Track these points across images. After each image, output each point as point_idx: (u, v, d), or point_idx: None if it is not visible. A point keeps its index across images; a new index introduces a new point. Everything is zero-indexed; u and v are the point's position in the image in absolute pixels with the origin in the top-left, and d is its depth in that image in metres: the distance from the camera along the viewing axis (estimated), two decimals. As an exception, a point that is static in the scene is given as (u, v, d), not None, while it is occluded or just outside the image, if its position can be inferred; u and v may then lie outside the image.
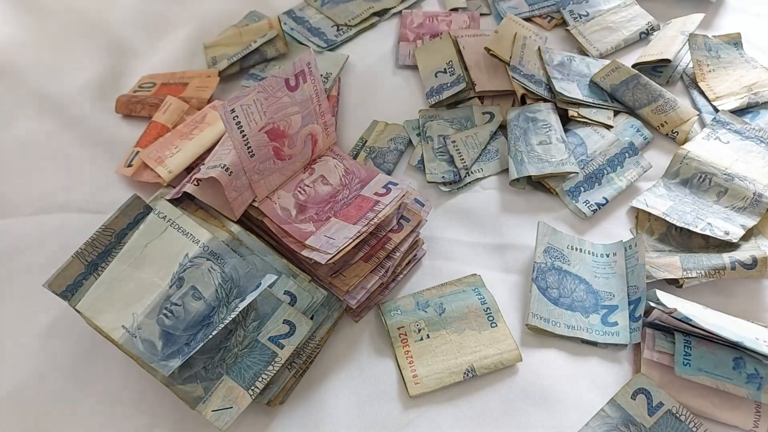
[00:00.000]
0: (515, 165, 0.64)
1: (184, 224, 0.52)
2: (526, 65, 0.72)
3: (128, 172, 0.66)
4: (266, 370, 0.48)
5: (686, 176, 0.64)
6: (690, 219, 0.59)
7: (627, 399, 0.49)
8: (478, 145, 0.67)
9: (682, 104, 0.70)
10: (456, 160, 0.66)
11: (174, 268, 0.50)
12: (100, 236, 0.51)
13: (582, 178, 0.64)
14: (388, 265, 0.55)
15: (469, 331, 0.54)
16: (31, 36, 0.85)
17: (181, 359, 0.47)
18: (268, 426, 0.50)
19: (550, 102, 0.70)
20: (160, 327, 0.48)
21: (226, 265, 0.51)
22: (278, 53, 0.79)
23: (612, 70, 0.71)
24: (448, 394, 0.51)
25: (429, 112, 0.72)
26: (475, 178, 0.66)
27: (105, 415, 0.51)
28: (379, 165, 0.67)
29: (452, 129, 0.70)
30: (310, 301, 0.51)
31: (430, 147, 0.68)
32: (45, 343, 0.55)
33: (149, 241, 0.51)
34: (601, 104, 0.70)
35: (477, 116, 0.71)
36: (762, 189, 0.61)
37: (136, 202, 0.52)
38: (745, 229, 0.58)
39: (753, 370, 0.49)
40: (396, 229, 0.55)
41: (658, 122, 0.69)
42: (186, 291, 0.50)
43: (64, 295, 0.50)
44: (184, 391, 0.47)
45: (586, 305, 0.56)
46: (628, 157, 0.66)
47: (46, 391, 0.52)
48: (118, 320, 0.48)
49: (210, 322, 0.49)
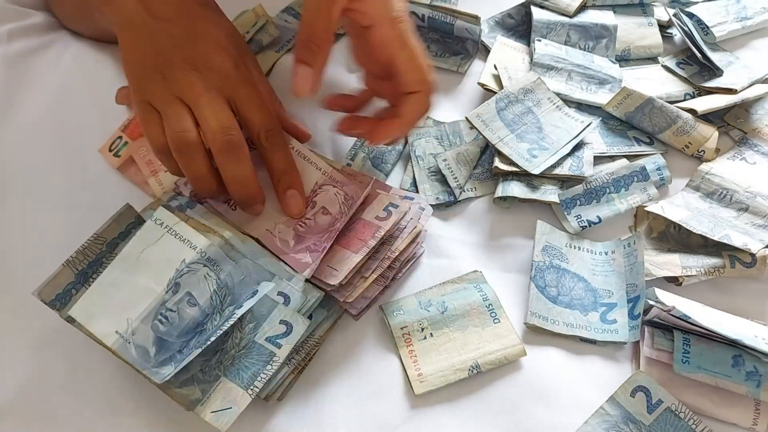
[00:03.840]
0: (502, 184, 0.63)
1: (182, 231, 0.51)
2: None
3: (115, 163, 0.65)
4: (265, 370, 0.48)
5: (707, 191, 0.63)
6: (707, 228, 0.58)
7: (626, 397, 0.49)
8: (470, 161, 0.66)
9: (700, 122, 0.67)
10: (449, 180, 0.64)
11: (170, 274, 0.50)
12: (92, 245, 0.50)
13: (581, 191, 0.63)
14: (389, 275, 0.55)
15: (472, 327, 0.54)
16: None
17: (174, 366, 0.47)
18: (267, 423, 0.50)
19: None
20: (154, 333, 0.48)
21: (221, 272, 0.50)
22: (272, 38, 0.79)
23: (624, 98, 0.67)
24: (447, 392, 0.51)
25: (416, 131, 0.69)
26: (467, 197, 0.64)
27: (105, 423, 0.50)
28: (378, 166, 0.66)
29: (441, 147, 0.68)
30: (305, 300, 0.50)
31: (420, 168, 0.66)
32: (42, 347, 0.54)
33: (145, 248, 0.50)
34: (628, 153, 0.66)
35: (465, 131, 0.69)
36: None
37: (128, 212, 0.52)
38: (765, 245, 0.56)
39: (752, 368, 0.49)
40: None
41: (682, 144, 0.66)
42: (181, 297, 0.49)
43: (53, 304, 0.49)
44: (181, 395, 0.47)
45: (585, 303, 0.56)
46: (636, 181, 0.63)
47: (43, 398, 0.52)
48: (111, 326, 0.48)
49: (203, 329, 0.49)
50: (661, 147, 0.67)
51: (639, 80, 0.73)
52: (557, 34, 0.75)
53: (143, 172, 0.65)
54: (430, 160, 0.66)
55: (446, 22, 0.77)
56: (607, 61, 0.74)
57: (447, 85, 0.76)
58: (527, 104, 0.68)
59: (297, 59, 0.53)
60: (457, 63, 0.77)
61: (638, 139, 0.68)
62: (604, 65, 0.73)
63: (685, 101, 0.71)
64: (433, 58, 0.78)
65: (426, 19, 0.78)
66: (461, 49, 0.78)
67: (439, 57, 0.78)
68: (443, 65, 0.77)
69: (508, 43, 0.75)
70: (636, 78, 0.74)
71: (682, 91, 0.72)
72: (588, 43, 0.76)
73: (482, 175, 0.66)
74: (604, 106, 0.69)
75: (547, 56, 0.72)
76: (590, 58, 0.74)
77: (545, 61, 0.72)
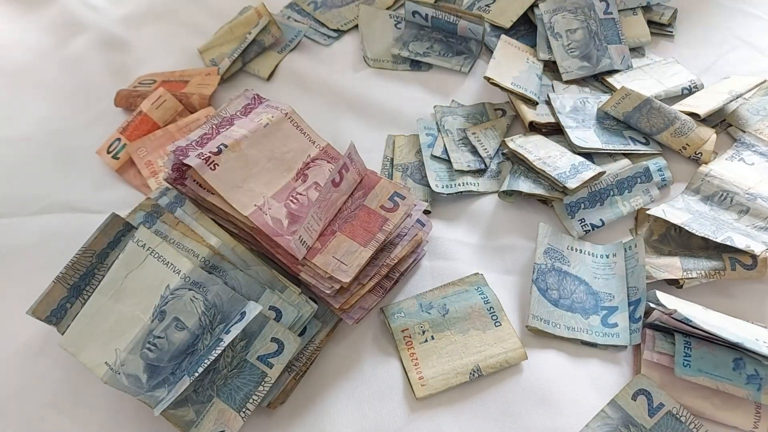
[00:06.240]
0: (510, 179, 0.64)
1: (164, 253, 0.50)
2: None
3: (114, 165, 0.65)
4: (257, 391, 0.47)
5: (707, 193, 0.62)
6: (710, 231, 0.57)
7: (627, 400, 0.49)
8: (497, 136, 0.68)
9: (699, 124, 0.67)
10: (479, 150, 0.66)
11: (155, 301, 0.49)
12: (81, 258, 0.50)
13: (585, 194, 0.63)
14: (387, 285, 0.55)
15: (473, 331, 0.54)
16: (32, 34, 0.85)
17: (168, 389, 0.46)
18: (268, 427, 0.50)
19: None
20: (144, 361, 0.48)
21: (208, 292, 0.50)
22: (274, 38, 0.79)
23: (622, 98, 0.67)
24: (448, 395, 0.51)
25: (444, 109, 0.72)
26: (468, 189, 0.65)
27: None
28: (418, 181, 0.66)
29: (468, 123, 0.70)
30: (297, 315, 0.50)
31: (450, 139, 0.68)
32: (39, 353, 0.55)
33: (129, 272, 0.50)
34: (623, 150, 0.66)
35: (490, 112, 0.72)
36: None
37: (115, 221, 0.52)
38: (767, 247, 0.56)
39: (753, 371, 0.49)
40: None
41: (680, 145, 0.66)
42: (168, 323, 0.49)
43: (49, 320, 0.49)
44: (176, 416, 0.47)
45: (586, 306, 0.56)
46: (639, 183, 0.64)
47: (37, 413, 0.52)
48: (101, 356, 0.48)
49: (194, 350, 0.48)
50: (656, 148, 0.68)
51: (634, 81, 0.73)
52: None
53: (143, 173, 0.65)
54: (459, 134, 0.69)
55: (450, 21, 0.77)
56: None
57: (450, 85, 0.76)
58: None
59: None
60: (460, 63, 0.77)
61: (634, 139, 0.68)
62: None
63: (683, 96, 0.72)
64: (437, 57, 0.78)
65: (429, 19, 0.78)
66: (465, 49, 0.78)
67: (442, 57, 0.78)
68: (446, 65, 0.77)
69: (512, 42, 0.75)
70: (630, 78, 0.74)
71: (679, 86, 0.72)
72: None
73: (489, 173, 0.67)
74: (602, 107, 0.69)
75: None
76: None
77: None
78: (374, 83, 0.77)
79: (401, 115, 0.73)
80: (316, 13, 0.86)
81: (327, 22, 0.84)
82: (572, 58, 0.74)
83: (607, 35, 0.75)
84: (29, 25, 0.87)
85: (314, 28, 0.84)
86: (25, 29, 0.86)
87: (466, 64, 0.77)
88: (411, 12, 0.79)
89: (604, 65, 0.74)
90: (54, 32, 0.86)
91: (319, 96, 0.76)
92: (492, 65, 0.71)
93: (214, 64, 0.80)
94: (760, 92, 0.71)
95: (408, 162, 0.68)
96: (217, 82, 0.75)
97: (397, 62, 0.79)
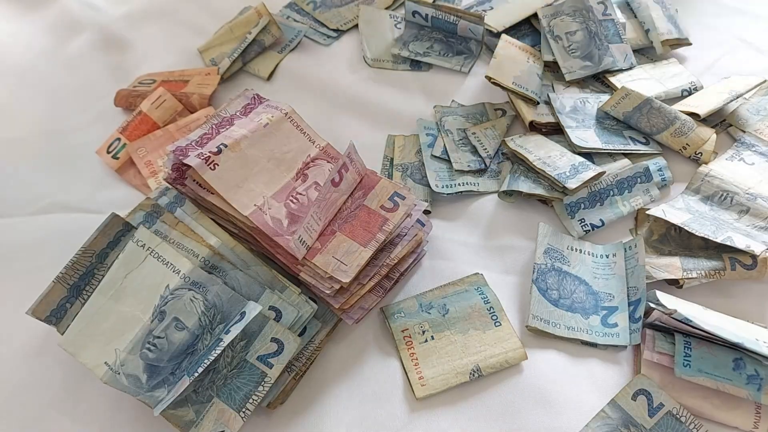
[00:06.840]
0: (509, 179, 0.64)
1: (164, 253, 0.50)
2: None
3: (113, 165, 0.65)
4: (256, 391, 0.47)
5: (707, 193, 0.62)
6: (710, 231, 0.57)
7: (627, 400, 0.49)
8: (497, 136, 0.68)
9: (699, 124, 0.67)
10: (479, 150, 0.67)
11: (155, 301, 0.49)
12: (80, 258, 0.50)
13: (585, 195, 0.63)
14: (387, 285, 0.55)
15: (473, 331, 0.54)
16: (32, 34, 0.85)
17: (167, 389, 0.46)
18: (268, 427, 0.50)
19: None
20: (144, 361, 0.48)
21: (208, 292, 0.50)
22: (274, 38, 0.79)
23: (622, 97, 0.67)
24: (448, 395, 0.51)
25: (444, 108, 0.72)
26: (468, 189, 0.65)
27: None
28: (418, 181, 0.66)
29: (468, 123, 0.70)
30: (296, 315, 0.50)
31: (450, 139, 0.68)
32: (39, 353, 0.55)
33: (129, 272, 0.50)
34: (623, 150, 0.66)
35: (490, 112, 0.72)
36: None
37: (115, 221, 0.52)
38: (767, 247, 0.56)
39: (753, 371, 0.49)
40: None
41: (680, 145, 0.66)
42: (168, 323, 0.49)
43: (49, 320, 0.49)
44: (175, 416, 0.47)
45: (586, 306, 0.56)
46: (639, 183, 0.64)
47: (37, 413, 0.52)
48: (100, 356, 0.48)
49: (194, 350, 0.48)
50: (656, 148, 0.67)
51: (634, 81, 0.73)
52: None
53: (143, 173, 0.65)
54: (459, 134, 0.69)
55: (450, 21, 0.77)
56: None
57: (450, 85, 0.76)
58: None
59: None
60: (460, 63, 0.77)
61: (634, 139, 0.68)
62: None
63: (682, 98, 0.71)
64: (437, 57, 0.78)
65: (429, 19, 0.78)
66: (465, 49, 0.78)
67: (442, 57, 0.78)
68: (446, 65, 0.77)
69: (513, 42, 0.75)
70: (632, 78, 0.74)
71: (678, 87, 0.72)
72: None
73: (489, 173, 0.67)
74: (602, 107, 0.69)
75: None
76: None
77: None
78: (374, 83, 0.77)
79: (401, 115, 0.73)
80: (315, 12, 0.86)
81: (327, 21, 0.84)
82: (574, 58, 0.74)
83: (607, 35, 0.75)
84: (29, 25, 0.87)
85: (314, 28, 0.84)
86: (25, 29, 0.86)
87: (466, 64, 0.77)
88: (411, 12, 0.79)
89: (607, 63, 0.74)
90: (54, 32, 0.86)
91: (319, 96, 0.76)
92: (493, 64, 0.71)
93: (214, 63, 0.80)
94: (760, 92, 0.71)
95: (408, 162, 0.68)
96: (217, 81, 0.75)
97: (397, 62, 0.79)
